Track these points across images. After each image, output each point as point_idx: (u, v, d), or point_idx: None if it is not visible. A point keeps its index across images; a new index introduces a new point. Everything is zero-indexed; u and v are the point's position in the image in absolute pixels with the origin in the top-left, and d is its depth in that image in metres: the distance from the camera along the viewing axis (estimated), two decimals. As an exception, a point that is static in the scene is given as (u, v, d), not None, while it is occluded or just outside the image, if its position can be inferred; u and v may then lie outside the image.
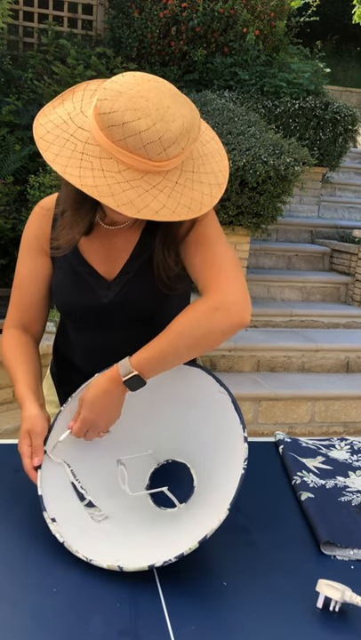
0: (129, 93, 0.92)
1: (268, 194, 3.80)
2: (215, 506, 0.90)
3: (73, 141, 0.96)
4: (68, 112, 1.00)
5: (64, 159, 0.95)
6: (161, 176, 0.95)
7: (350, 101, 8.42)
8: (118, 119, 0.91)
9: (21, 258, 1.24)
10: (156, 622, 0.78)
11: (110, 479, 1.05)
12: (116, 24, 5.44)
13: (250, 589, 0.86)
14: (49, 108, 1.02)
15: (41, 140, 0.97)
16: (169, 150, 0.93)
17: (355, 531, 1.00)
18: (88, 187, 0.92)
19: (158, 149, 0.92)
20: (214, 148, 1.06)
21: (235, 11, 5.17)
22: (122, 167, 0.93)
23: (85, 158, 0.94)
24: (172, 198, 0.95)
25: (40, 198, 3.62)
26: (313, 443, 1.34)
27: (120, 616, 0.79)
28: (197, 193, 0.98)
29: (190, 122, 0.95)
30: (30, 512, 1.00)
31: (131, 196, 0.92)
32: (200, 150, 1.03)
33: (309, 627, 0.80)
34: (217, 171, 1.03)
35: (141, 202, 0.92)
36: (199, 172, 1.00)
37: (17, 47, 5.50)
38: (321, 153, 5.31)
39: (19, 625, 0.77)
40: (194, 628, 0.78)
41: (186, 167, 0.98)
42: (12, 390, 3.52)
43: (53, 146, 0.96)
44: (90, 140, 0.95)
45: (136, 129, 0.90)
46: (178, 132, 0.92)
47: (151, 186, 0.94)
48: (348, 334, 4.37)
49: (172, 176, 0.96)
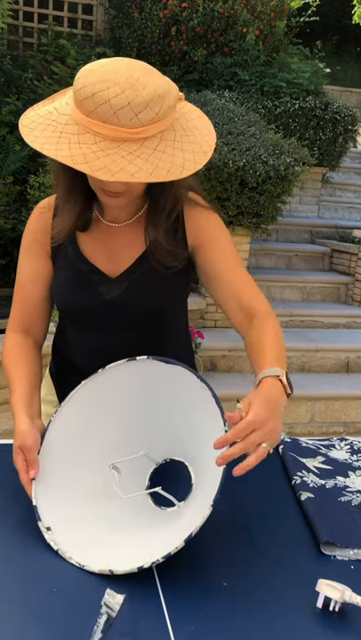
0: (100, 70, 0.95)
1: (268, 194, 3.80)
2: (203, 504, 0.90)
3: (54, 125, 0.98)
4: (55, 106, 1.02)
5: (43, 139, 0.97)
6: (138, 144, 0.94)
7: (350, 101, 8.43)
8: (89, 91, 0.93)
9: (22, 261, 1.24)
10: (156, 622, 0.78)
11: (109, 483, 1.05)
12: (116, 24, 5.44)
13: (250, 589, 0.86)
14: (39, 106, 1.05)
15: (24, 127, 1.00)
16: (141, 116, 0.93)
17: (355, 531, 1.00)
18: (63, 156, 0.94)
19: (130, 115, 0.92)
20: (200, 124, 1.05)
21: (235, 11, 5.17)
22: (98, 139, 0.94)
23: (63, 136, 0.96)
24: (149, 162, 0.94)
25: (40, 198, 3.63)
26: (313, 443, 1.34)
27: (120, 616, 0.79)
28: (179, 159, 0.97)
29: (164, 89, 0.96)
30: (30, 512, 1.00)
31: (105, 162, 0.92)
32: (184, 125, 1.02)
33: (309, 627, 0.80)
34: (202, 142, 1.02)
35: (116, 166, 0.92)
36: (182, 141, 0.99)
37: (17, 47, 5.51)
38: (321, 153, 5.31)
39: (18, 625, 0.77)
40: (194, 628, 0.78)
41: (167, 137, 0.98)
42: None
43: (35, 131, 0.98)
44: (69, 121, 0.97)
45: (105, 97, 0.92)
46: (149, 98, 0.93)
47: (127, 152, 0.93)
48: (348, 334, 4.38)
49: (151, 143, 0.95)
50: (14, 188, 4.00)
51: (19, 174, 4.20)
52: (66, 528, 0.96)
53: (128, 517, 1.02)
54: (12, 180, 4.06)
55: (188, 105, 1.07)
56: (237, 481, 1.17)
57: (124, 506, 1.03)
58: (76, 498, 1.03)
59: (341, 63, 10.15)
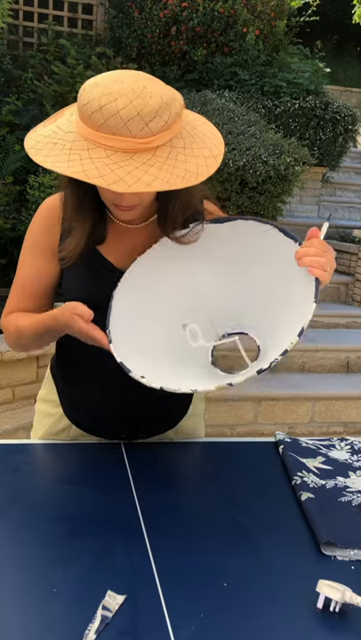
0: (104, 82, 0.95)
1: (268, 194, 3.80)
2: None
3: (61, 143, 0.97)
4: (57, 125, 1.02)
5: (53, 157, 0.96)
6: (150, 153, 0.94)
7: (350, 101, 8.41)
8: (96, 105, 0.92)
9: (25, 257, 1.23)
10: (156, 622, 0.78)
11: (180, 343, 1.11)
12: (116, 24, 5.44)
13: (250, 589, 0.86)
14: (40, 127, 1.04)
15: (31, 149, 0.99)
16: (151, 125, 0.93)
17: (355, 531, 1.00)
18: (76, 172, 0.93)
19: (140, 125, 0.92)
20: (206, 130, 1.06)
21: (235, 10, 5.17)
22: (109, 152, 0.94)
23: (73, 152, 0.95)
24: (163, 171, 0.94)
25: (40, 198, 3.63)
26: (313, 443, 1.34)
27: (120, 616, 0.79)
28: (192, 165, 0.97)
29: (170, 97, 0.96)
30: (30, 512, 1.00)
31: (120, 174, 0.92)
32: (191, 132, 1.02)
33: (309, 627, 0.80)
34: (211, 146, 1.03)
35: (132, 178, 0.92)
36: (191, 147, 1.00)
37: (17, 47, 5.50)
38: (321, 153, 5.30)
39: (18, 625, 0.77)
40: (194, 628, 0.78)
41: (176, 144, 0.98)
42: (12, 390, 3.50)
43: (42, 151, 0.98)
44: (76, 137, 0.97)
45: (114, 109, 0.91)
46: (157, 106, 0.93)
47: (141, 163, 0.93)
48: (348, 334, 4.37)
49: (162, 152, 0.95)
50: (14, 188, 4.00)
51: (19, 174, 4.20)
52: (152, 372, 1.02)
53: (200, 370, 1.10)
54: (11, 180, 4.05)
55: (192, 113, 1.08)
56: (237, 481, 1.17)
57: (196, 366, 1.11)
58: (152, 351, 1.10)
59: (341, 63, 10.14)
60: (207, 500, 1.09)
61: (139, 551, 0.92)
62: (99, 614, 0.78)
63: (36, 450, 1.28)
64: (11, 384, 3.09)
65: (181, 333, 1.11)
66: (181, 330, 1.11)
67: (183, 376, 1.06)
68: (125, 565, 0.89)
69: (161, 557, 0.91)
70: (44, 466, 1.24)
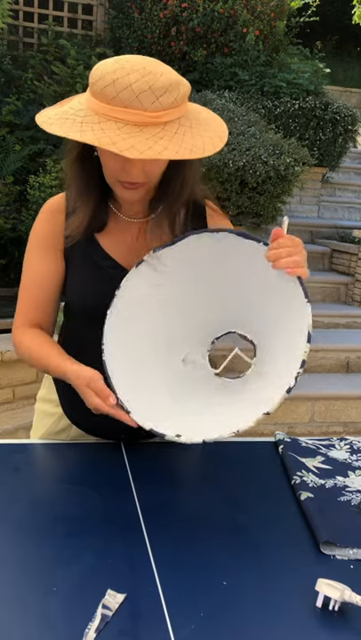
0: (117, 60, 1.00)
1: (268, 194, 3.80)
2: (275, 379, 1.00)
3: (72, 119, 1.01)
4: (69, 106, 1.05)
5: (65, 128, 0.99)
6: (159, 127, 0.97)
7: (350, 101, 8.41)
8: (109, 79, 0.96)
9: (30, 260, 1.23)
10: (156, 621, 0.79)
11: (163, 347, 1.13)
12: (116, 24, 5.45)
13: (249, 589, 0.86)
14: (49, 109, 1.07)
15: (43, 123, 1.02)
16: (162, 99, 0.96)
17: (354, 530, 1.00)
18: (89, 139, 0.96)
19: (151, 98, 0.95)
20: (210, 117, 1.09)
21: (235, 11, 5.17)
22: (120, 124, 0.96)
23: (85, 124, 0.98)
24: (173, 143, 0.97)
25: (40, 198, 3.63)
26: (313, 442, 1.34)
27: (120, 615, 0.79)
28: (198, 141, 1.00)
29: (178, 78, 1.00)
30: (30, 512, 1.01)
31: (132, 142, 0.95)
32: (196, 117, 1.05)
33: (309, 626, 0.80)
34: (217, 129, 1.06)
35: (143, 146, 0.95)
36: (198, 127, 1.03)
37: (17, 47, 5.50)
38: (321, 153, 5.31)
39: (18, 624, 0.77)
40: (194, 626, 0.78)
41: (184, 123, 1.01)
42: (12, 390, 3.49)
43: (54, 125, 1.01)
44: (87, 113, 1.00)
45: (127, 83, 0.95)
46: (167, 83, 0.97)
47: (151, 135, 0.96)
48: (348, 334, 4.37)
49: (171, 127, 0.99)
50: (14, 188, 4.00)
51: (19, 174, 4.20)
52: (180, 423, 1.05)
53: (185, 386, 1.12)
54: (12, 180, 4.06)
55: (197, 105, 1.11)
56: (237, 480, 1.18)
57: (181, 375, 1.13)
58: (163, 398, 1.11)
59: (341, 63, 10.15)
60: (207, 500, 1.09)
61: (139, 550, 0.93)
62: (99, 613, 0.78)
63: (36, 450, 1.28)
64: (11, 384, 3.09)
65: (179, 364, 1.14)
66: (180, 362, 1.15)
67: (208, 413, 1.08)
68: (125, 564, 0.89)
69: (161, 556, 0.91)
70: (44, 466, 1.24)
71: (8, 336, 3.01)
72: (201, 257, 1.12)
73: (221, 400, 1.11)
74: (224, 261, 1.11)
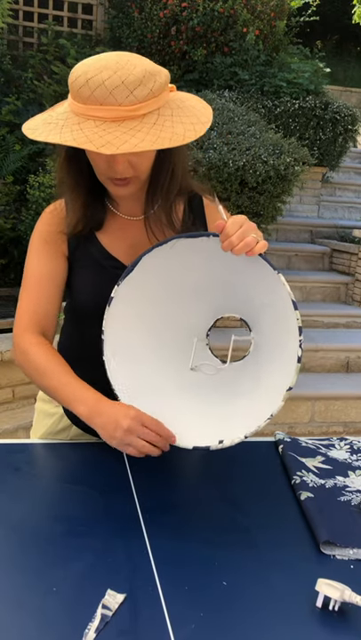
0: (90, 61, 1.01)
1: (268, 194, 3.80)
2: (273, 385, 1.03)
3: (55, 122, 1.03)
4: (54, 112, 1.07)
5: (46, 132, 1.01)
6: (137, 120, 0.98)
7: (350, 101, 8.41)
8: (83, 79, 0.97)
9: (32, 261, 1.22)
10: (156, 621, 0.79)
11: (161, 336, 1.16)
12: (116, 24, 5.44)
13: (250, 589, 0.86)
14: (37, 116, 1.09)
15: (27, 130, 1.04)
16: (136, 92, 0.96)
17: (354, 530, 1.00)
18: (66, 140, 0.97)
19: (125, 92, 0.96)
20: (196, 103, 1.09)
21: (235, 10, 5.17)
22: (98, 122, 0.98)
23: (65, 127, 1.00)
24: (150, 134, 0.97)
25: (40, 198, 3.62)
26: (313, 442, 1.34)
27: (120, 615, 0.79)
28: (179, 129, 1.00)
29: (154, 68, 1.01)
30: (30, 512, 1.01)
31: (108, 139, 0.95)
32: (179, 104, 1.05)
33: (309, 626, 0.80)
34: (200, 114, 1.05)
35: (119, 141, 0.95)
36: (180, 115, 1.03)
37: (17, 47, 5.50)
38: (321, 153, 5.30)
39: (18, 625, 0.77)
40: (194, 626, 0.78)
41: (164, 112, 1.01)
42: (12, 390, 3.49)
43: (37, 130, 1.03)
44: (69, 115, 1.01)
45: (100, 80, 0.96)
46: (141, 75, 0.97)
47: (129, 128, 0.97)
48: (348, 334, 4.37)
49: (149, 119, 0.99)
50: (14, 188, 4.00)
51: (19, 174, 4.20)
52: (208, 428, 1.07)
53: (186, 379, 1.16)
54: (11, 180, 4.06)
55: (184, 93, 1.11)
56: (237, 480, 1.18)
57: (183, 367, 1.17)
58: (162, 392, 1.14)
59: (341, 63, 10.14)
60: (207, 500, 1.09)
61: (139, 550, 0.93)
62: (99, 613, 0.78)
63: (36, 449, 1.28)
64: (11, 384, 3.09)
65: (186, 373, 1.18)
66: (176, 361, 1.18)
67: (232, 411, 1.10)
68: (125, 564, 0.89)
69: (161, 556, 0.91)
70: (44, 465, 1.24)
71: (8, 336, 3.01)
72: (165, 269, 1.12)
73: (240, 390, 1.14)
74: (188, 264, 1.12)
